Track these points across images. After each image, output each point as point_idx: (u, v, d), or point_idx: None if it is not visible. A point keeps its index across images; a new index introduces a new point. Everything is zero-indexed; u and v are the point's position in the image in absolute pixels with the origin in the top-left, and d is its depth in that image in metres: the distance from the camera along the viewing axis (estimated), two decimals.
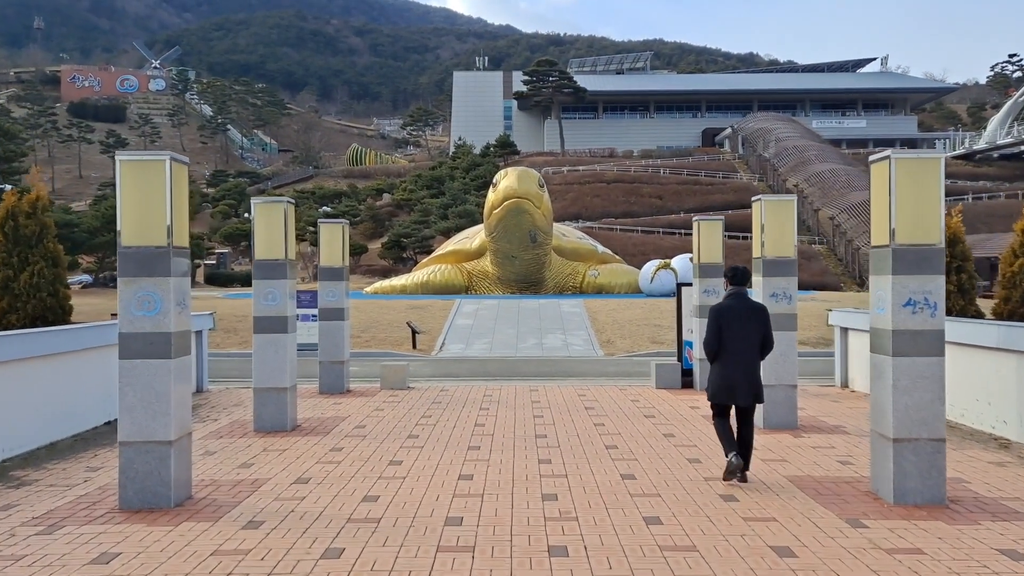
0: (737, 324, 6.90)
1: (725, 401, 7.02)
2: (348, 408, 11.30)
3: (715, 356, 6.98)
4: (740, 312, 6.97)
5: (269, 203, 9.68)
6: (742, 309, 6.99)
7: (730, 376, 6.91)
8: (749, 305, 7.08)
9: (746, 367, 6.92)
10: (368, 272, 55.98)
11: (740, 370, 6.90)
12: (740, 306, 7.01)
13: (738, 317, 6.93)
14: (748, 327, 6.91)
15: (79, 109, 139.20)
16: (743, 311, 6.98)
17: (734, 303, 7.03)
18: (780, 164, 73.17)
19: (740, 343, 6.88)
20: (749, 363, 6.94)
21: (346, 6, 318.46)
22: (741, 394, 6.94)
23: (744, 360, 6.92)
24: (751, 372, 6.95)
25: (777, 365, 9.56)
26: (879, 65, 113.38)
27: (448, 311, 24.86)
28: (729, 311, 6.97)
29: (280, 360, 9.65)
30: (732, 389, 6.93)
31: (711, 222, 12.73)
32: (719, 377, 6.97)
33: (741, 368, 6.91)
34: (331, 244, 12.97)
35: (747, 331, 6.90)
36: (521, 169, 31.59)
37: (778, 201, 9.68)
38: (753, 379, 6.97)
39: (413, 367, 16.77)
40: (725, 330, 6.88)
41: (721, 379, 6.96)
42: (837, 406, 11.34)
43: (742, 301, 7.06)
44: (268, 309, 9.62)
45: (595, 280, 33.70)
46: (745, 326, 6.91)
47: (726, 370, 6.93)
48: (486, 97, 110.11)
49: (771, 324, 7.13)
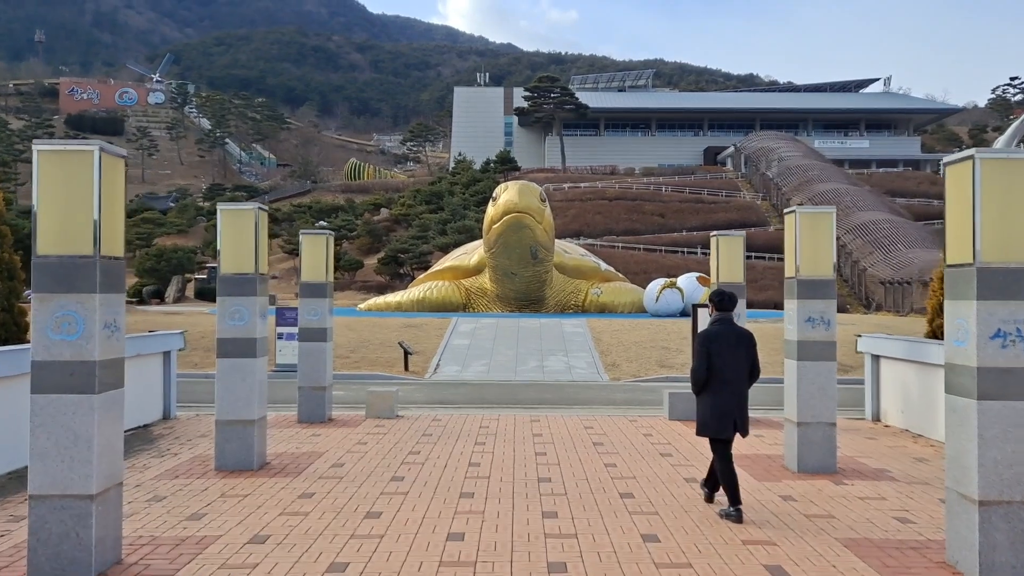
0: (727, 351, 6.59)
1: (721, 434, 6.61)
2: (327, 441, 10.10)
3: (704, 385, 6.64)
4: (729, 338, 6.65)
5: (237, 210, 8.51)
6: (731, 335, 6.67)
7: (724, 405, 6.57)
8: (737, 331, 6.75)
9: (739, 396, 6.62)
10: (364, 288, 54.81)
11: (734, 399, 6.59)
12: (728, 332, 6.69)
13: (727, 344, 6.62)
14: (737, 354, 6.62)
15: (77, 121, 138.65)
16: (732, 337, 6.66)
17: (722, 329, 6.71)
18: (783, 183, 72.25)
19: (730, 371, 6.58)
20: (740, 392, 6.64)
21: (348, 23, 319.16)
22: (737, 424, 6.60)
23: (735, 389, 6.61)
24: (742, 401, 6.65)
25: (813, 400, 8.39)
26: (882, 85, 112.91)
27: (444, 330, 23.67)
28: (718, 337, 6.64)
29: (247, 388, 8.45)
30: (727, 419, 6.57)
31: (731, 238, 11.58)
32: (711, 407, 6.59)
33: (735, 397, 6.59)
34: (314, 257, 11.82)
35: (736, 358, 6.61)
36: (522, 183, 30.45)
37: (815, 213, 8.53)
38: (744, 408, 6.67)
39: (404, 392, 15.57)
40: (715, 357, 6.56)
41: (714, 409, 6.58)
42: (874, 444, 10.15)
43: (730, 327, 6.74)
44: (234, 330, 8.44)
45: (598, 299, 32.53)
46: (735, 353, 6.61)
47: (719, 399, 6.58)
48: (487, 113, 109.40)
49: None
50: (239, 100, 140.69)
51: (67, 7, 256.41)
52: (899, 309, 48.34)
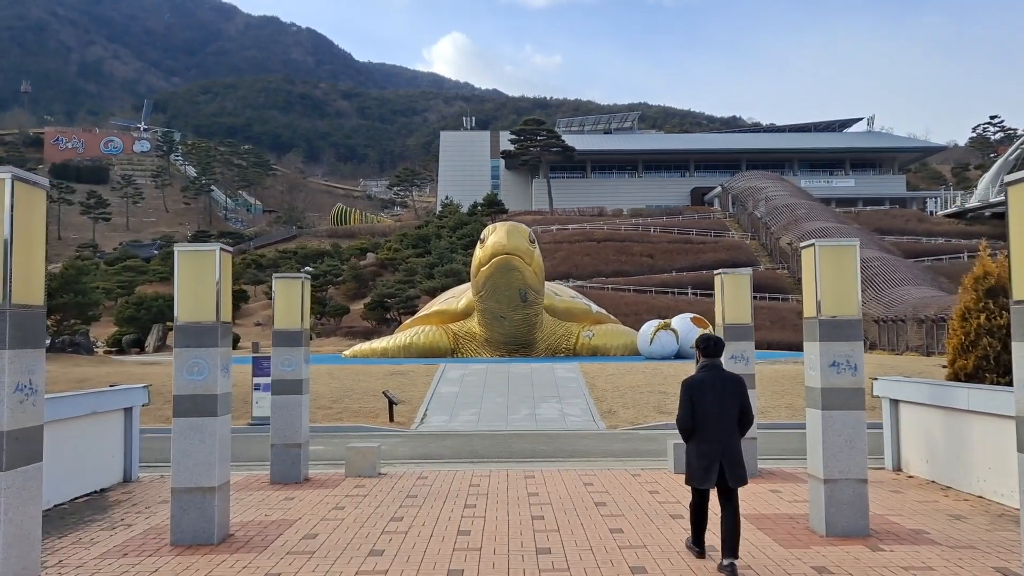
0: (711, 397, 6.38)
1: (704, 483, 6.39)
2: (301, 506, 9.12)
3: (690, 434, 6.44)
4: (714, 385, 6.44)
5: (195, 251, 7.64)
6: (716, 381, 6.46)
7: (708, 454, 6.32)
8: (724, 377, 6.51)
9: (725, 444, 6.34)
10: (349, 334, 53.77)
11: (719, 447, 6.32)
12: (714, 378, 6.48)
13: (712, 390, 6.41)
14: (724, 400, 6.39)
15: (61, 170, 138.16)
16: (717, 383, 6.45)
17: (707, 375, 6.51)
18: (772, 223, 72.00)
19: (717, 419, 6.35)
20: (728, 439, 6.36)
21: (334, 71, 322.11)
22: (725, 474, 6.30)
23: (722, 436, 6.34)
24: (732, 449, 6.36)
25: (841, 453, 7.52)
26: (865, 125, 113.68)
27: (431, 377, 22.69)
28: (702, 384, 6.45)
29: (206, 451, 7.50)
30: (711, 469, 6.31)
31: (737, 276, 10.78)
32: (696, 457, 6.40)
33: (720, 445, 6.32)
34: (288, 303, 10.94)
35: (723, 405, 6.37)
36: (510, 224, 29.68)
37: (838, 247, 7.75)
38: (735, 457, 6.35)
39: (389, 445, 14.59)
40: (699, 405, 6.37)
41: (700, 459, 6.36)
42: (902, 499, 9.25)
43: (716, 373, 6.53)
44: (192, 385, 7.52)
45: (589, 342, 31.64)
46: (721, 399, 6.38)
47: (704, 448, 6.35)
48: (473, 156, 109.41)
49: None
50: (225, 147, 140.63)
51: (53, 58, 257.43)
52: (895, 347, 47.64)
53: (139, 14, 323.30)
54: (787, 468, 11.48)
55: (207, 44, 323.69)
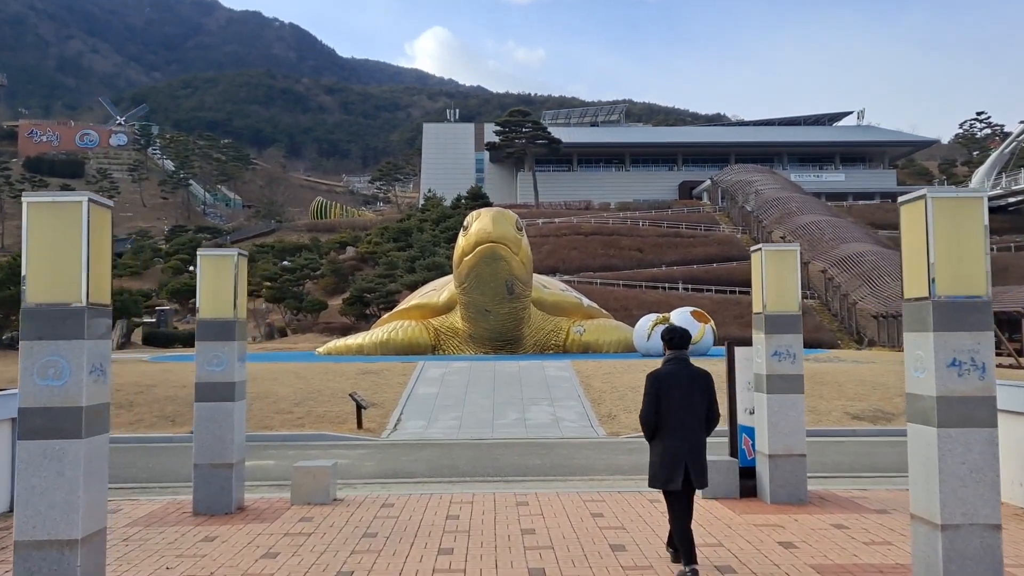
0: (678, 393, 6.00)
1: (670, 484, 5.94)
2: (221, 552, 6.87)
3: (654, 432, 6.05)
4: (681, 379, 6.05)
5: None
6: (684, 376, 6.08)
7: (674, 453, 5.91)
8: (691, 371, 6.12)
9: (692, 443, 5.97)
10: (327, 330, 51.32)
11: (686, 446, 5.93)
12: (681, 372, 6.09)
13: (679, 385, 6.02)
14: (691, 396, 6.00)
15: (35, 164, 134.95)
16: (684, 378, 6.06)
17: (674, 369, 6.10)
18: (764, 216, 70.10)
19: (683, 415, 5.97)
20: (694, 438, 6.00)
21: (317, 67, 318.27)
22: (691, 475, 5.92)
23: (688, 435, 5.97)
24: (697, 448, 6.00)
25: (965, 489, 5.34)
26: (856, 119, 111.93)
27: (408, 376, 20.41)
28: (668, 378, 6.06)
29: (66, 489, 5.22)
30: (677, 468, 5.90)
31: (782, 251, 8.62)
32: (661, 456, 5.98)
33: (687, 444, 5.94)
34: (216, 286, 8.64)
35: (690, 401, 5.99)
36: (496, 210, 27.32)
37: (956, 199, 5.57)
38: (700, 456, 6.01)
39: (352, 459, 12.33)
40: (664, 401, 5.97)
41: (664, 457, 5.95)
42: (1009, 537, 7.08)
43: (683, 367, 6.12)
44: (45, 395, 5.23)
45: (580, 337, 29.42)
46: (688, 395, 5.99)
47: (669, 445, 5.95)
48: (457, 149, 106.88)
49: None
50: (203, 141, 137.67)
51: (31, 52, 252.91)
52: (894, 344, 45.78)
53: (119, 9, 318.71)
54: (837, 489, 9.35)
55: (188, 39, 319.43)
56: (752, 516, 7.98)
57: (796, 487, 8.47)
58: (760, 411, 8.66)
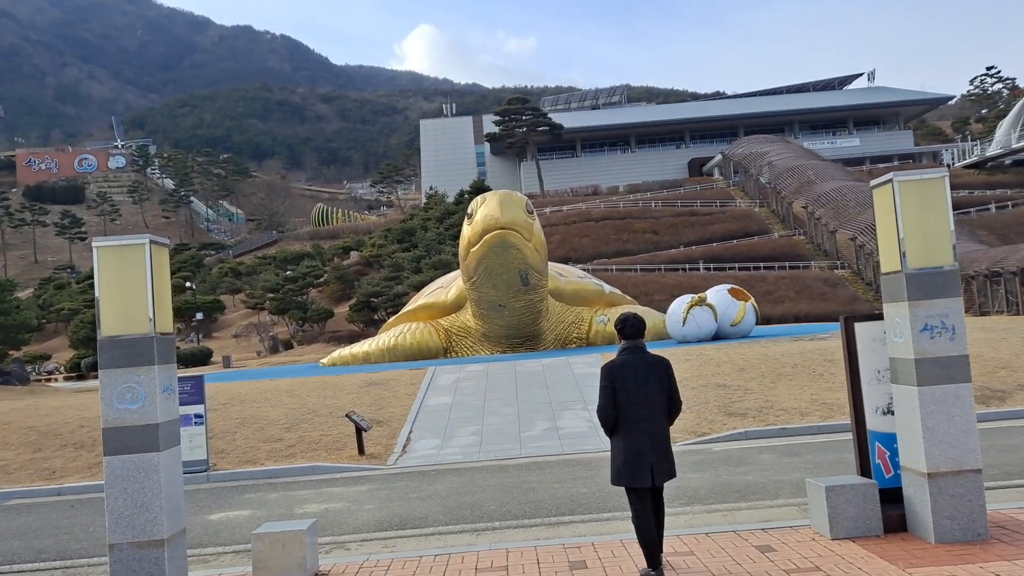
0: (633, 384, 5.58)
1: (636, 482, 5.50)
2: None
3: (613, 427, 5.64)
4: (638, 369, 5.63)
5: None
6: (639, 366, 5.64)
7: (636, 447, 5.51)
8: (648, 360, 5.68)
9: (654, 436, 5.56)
10: (334, 339, 48.88)
11: (648, 440, 5.53)
12: (637, 362, 5.66)
13: (635, 376, 5.60)
14: (649, 387, 5.61)
15: (35, 192, 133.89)
16: (641, 368, 5.63)
17: (629, 358, 5.69)
18: (782, 187, 67.11)
19: (642, 407, 5.57)
20: (656, 431, 5.59)
21: (312, 76, 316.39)
22: (653, 470, 5.49)
23: (650, 428, 5.56)
24: (660, 441, 5.60)
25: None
26: (867, 80, 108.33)
27: (418, 385, 17.86)
28: (623, 369, 5.64)
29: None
30: (641, 464, 5.49)
31: (924, 181, 5.98)
32: (623, 451, 5.56)
33: (649, 438, 5.54)
34: (122, 289, 6.06)
35: (648, 391, 5.60)
36: (503, 192, 24.57)
37: None
38: (664, 449, 5.60)
39: (349, 500, 9.78)
40: (620, 393, 5.57)
41: (625, 454, 5.54)
42: None
43: (639, 356, 5.70)
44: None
45: (605, 328, 26.64)
46: (645, 386, 5.60)
47: (631, 439, 5.53)
48: (457, 143, 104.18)
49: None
50: (202, 157, 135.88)
51: (28, 82, 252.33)
52: None
53: (112, 33, 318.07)
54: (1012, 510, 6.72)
55: (182, 58, 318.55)
56: (922, 570, 5.36)
57: (971, 517, 5.83)
58: (906, 411, 6.02)
